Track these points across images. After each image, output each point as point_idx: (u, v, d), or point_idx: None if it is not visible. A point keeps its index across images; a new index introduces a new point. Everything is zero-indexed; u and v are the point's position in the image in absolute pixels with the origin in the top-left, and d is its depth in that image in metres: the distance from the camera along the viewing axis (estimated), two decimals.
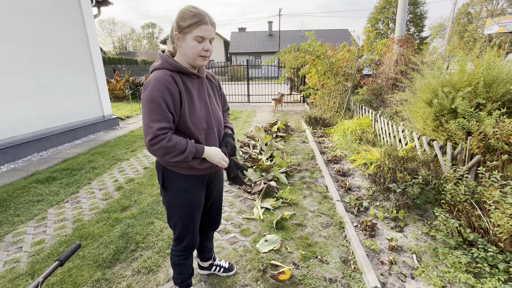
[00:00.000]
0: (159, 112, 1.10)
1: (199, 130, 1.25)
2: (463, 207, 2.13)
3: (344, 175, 3.50)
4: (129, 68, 22.96)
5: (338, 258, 2.01)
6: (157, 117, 1.10)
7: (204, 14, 1.13)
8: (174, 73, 1.17)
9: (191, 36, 1.13)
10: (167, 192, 1.36)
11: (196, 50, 1.15)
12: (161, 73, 1.14)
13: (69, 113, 5.44)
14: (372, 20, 35.39)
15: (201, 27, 1.12)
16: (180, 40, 1.16)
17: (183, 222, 1.41)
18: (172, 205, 1.38)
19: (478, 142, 2.50)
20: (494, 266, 1.71)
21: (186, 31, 1.13)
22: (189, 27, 1.12)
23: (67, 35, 5.37)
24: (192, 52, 1.15)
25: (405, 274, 1.82)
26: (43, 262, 2.00)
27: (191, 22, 1.11)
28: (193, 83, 1.26)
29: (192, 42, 1.14)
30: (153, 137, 1.09)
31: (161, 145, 1.10)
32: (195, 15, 1.11)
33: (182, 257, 1.50)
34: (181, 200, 1.36)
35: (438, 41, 38.52)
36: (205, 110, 1.29)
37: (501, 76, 2.73)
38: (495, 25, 23.15)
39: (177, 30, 1.15)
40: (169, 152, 1.13)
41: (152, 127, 1.09)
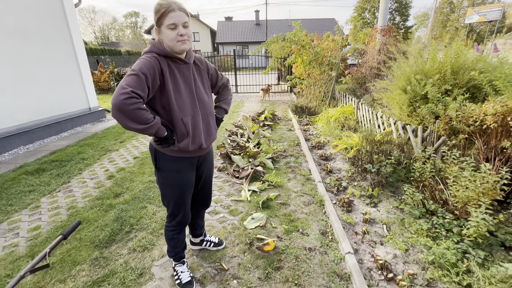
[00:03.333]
0: (138, 82, 1.17)
1: (183, 112, 1.35)
2: (429, 183, 2.38)
3: (326, 159, 3.72)
4: (113, 59, 22.32)
5: (318, 230, 2.22)
6: (134, 84, 1.15)
7: (170, 3, 1.23)
8: (160, 56, 1.29)
9: (164, 26, 1.25)
10: (159, 173, 1.50)
11: (171, 36, 1.26)
12: (148, 55, 1.27)
13: (54, 105, 5.37)
14: (358, 9, 35.49)
15: (169, 15, 1.23)
16: (159, 33, 1.30)
17: (175, 200, 1.55)
18: (165, 185, 1.52)
19: (445, 125, 2.74)
20: (450, 230, 1.96)
21: (159, 23, 1.26)
22: (161, 19, 1.25)
23: (48, 25, 5.24)
24: (169, 39, 1.26)
25: (375, 241, 2.06)
26: (41, 245, 2.11)
27: (160, 13, 1.24)
28: (179, 68, 1.36)
29: (167, 31, 1.26)
30: (128, 97, 1.10)
31: (135, 106, 1.12)
32: (162, 6, 1.23)
33: (175, 232, 1.66)
34: (173, 180, 1.50)
35: (422, 30, 39.21)
36: (190, 94, 1.39)
37: (466, 64, 2.97)
38: (476, 15, 23.79)
39: (155, 25, 1.28)
40: (135, 115, 1.14)
41: (127, 88, 1.12)
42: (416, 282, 1.67)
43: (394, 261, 1.85)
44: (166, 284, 1.76)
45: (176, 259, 1.76)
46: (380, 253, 1.93)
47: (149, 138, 4.95)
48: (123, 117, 1.13)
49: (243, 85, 11.20)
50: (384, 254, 1.92)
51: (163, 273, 1.85)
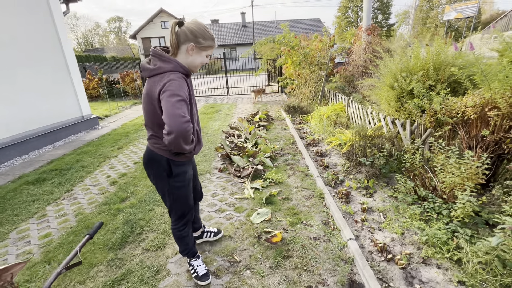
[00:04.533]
0: (186, 106, 1.28)
1: (195, 122, 1.49)
2: (419, 171, 2.58)
3: (322, 155, 3.90)
4: (99, 66, 21.92)
5: (320, 221, 2.38)
6: (186, 110, 1.27)
7: (215, 40, 1.44)
8: (184, 75, 1.38)
9: (205, 52, 1.43)
10: (175, 179, 1.54)
11: (202, 62, 1.44)
12: (178, 75, 1.34)
13: (48, 114, 5.34)
14: (342, 9, 36.27)
15: (212, 49, 1.45)
16: (194, 52, 1.39)
17: (188, 199, 1.67)
18: (180, 188, 1.59)
19: (430, 118, 2.96)
20: (440, 213, 2.15)
21: (203, 48, 1.40)
22: (207, 47, 1.41)
23: (38, 34, 5.21)
24: (200, 62, 1.43)
25: (374, 227, 2.23)
26: (56, 251, 2.17)
27: (210, 44, 1.41)
28: (190, 82, 1.49)
29: (202, 57, 1.43)
30: (189, 126, 1.23)
31: (190, 132, 1.26)
32: (213, 39, 1.42)
33: (184, 230, 1.76)
34: (187, 181, 1.62)
35: (404, 28, 40.43)
36: (195, 105, 1.54)
37: (446, 61, 3.20)
38: (453, 11, 24.78)
39: (194, 42, 1.36)
40: (189, 140, 1.29)
41: (186, 116, 1.23)
42: (413, 260, 1.84)
43: (392, 244, 2.02)
44: (183, 278, 1.86)
45: (190, 255, 1.87)
46: (379, 237, 2.10)
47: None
48: (183, 142, 1.25)
49: (234, 87, 11.31)
50: (383, 238, 2.09)
51: (179, 269, 1.95)
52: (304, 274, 1.82)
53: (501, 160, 2.42)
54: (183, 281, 1.84)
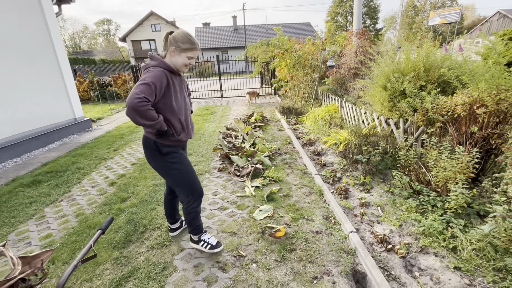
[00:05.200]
0: (148, 89, 1.49)
1: (180, 112, 1.74)
2: (413, 167, 2.70)
3: (318, 154, 3.99)
4: (89, 68, 21.55)
5: (321, 216, 2.45)
6: (145, 90, 1.48)
7: (197, 43, 1.66)
8: (166, 71, 1.62)
9: (185, 54, 1.65)
10: (165, 157, 1.76)
11: (184, 62, 1.67)
12: (158, 69, 1.59)
13: (40, 117, 5.24)
14: (331, 14, 37.04)
15: (192, 51, 1.66)
16: (175, 53, 1.64)
17: (193, 175, 1.88)
18: (175, 164, 1.79)
19: (422, 116, 3.10)
20: (435, 206, 2.26)
21: (182, 50, 1.63)
22: (186, 49, 1.64)
23: (30, 35, 5.12)
24: (181, 63, 1.67)
25: (373, 220, 2.32)
26: (59, 251, 2.15)
27: (188, 47, 1.63)
28: (176, 79, 1.72)
29: (184, 58, 1.66)
30: (141, 100, 1.44)
31: (145, 108, 1.46)
32: (192, 43, 1.64)
33: (198, 206, 1.96)
34: (179, 159, 1.81)
35: (391, 32, 41.59)
36: (183, 100, 1.78)
37: (436, 62, 3.37)
38: (437, 17, 25.71)
39: (174, 45, 1.62)
40: (145, 114, 1.47)
41: (140, 94, 1.45)
42: (411, 250, 1.94)
43: (391, 235, 2.11)
44: (191, 273, 1.89)
45: (200, 231, 2.05)
46: (378, 230, 2.19)
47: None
48: (136, 115, 1.46)
49: (227, 90, 11.36)
50: (382, 230, 2.18)
51: (185, 265, 1.98)
52: (309, 266, 1.88)
53: (489, 155, 2.57)
54: (191, 276, 1.86)
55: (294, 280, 1.77)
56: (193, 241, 2.11)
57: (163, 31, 36.17)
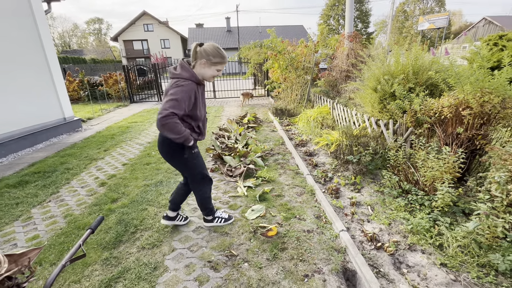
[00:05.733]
0: (178, 106, 1.64)
1: (201, 119, 1.92)
2: (402, 167, 2.76)
3: (310, 155, 4.03)
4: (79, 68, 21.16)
5: (313, 215, 2.48)
6: (173, 106, 1.62)
7: (226, 57, 1.82)
8: (195, 83, 1.76)
9: (215, 67, 1.79)
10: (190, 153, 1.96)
11: (213, 74, 1.82)
12: (188, 82, 1.72)
13: (27, 116, 5.12)
14: (324, 17, 37.51)
15: (222, 65, 1.81)
16: (205, 65, 1.77)
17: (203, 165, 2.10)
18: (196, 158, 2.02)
19: (411, 118, 3.17)
20: (422, 204, 2.32)
21: (213, 63, 1.77)
22: (216, 63, 1.78)
23: (18, 33, 5.01)
24: (210, 75, 1.82)
25: (363, 219, 2.36)
26: (46, 252, 2.11)
27: (219, 61, 1.77)
28: (201, 89, 1.87)
29: (213, 70, 1.80)
30: (166, 115, 1.59)
31: (170, 121, 1.61)
32: (222, 56, 1.78)
33: (209, 191, 2.23)
34: (197, 153, 2.04)
35: (382, 36, 42.39)
36: (203, 106, 1.95)
37: (424, 66, 3.46)
38: (426, 22, 26.40)
39: (205, 58, 1.74)
40: (172, 128, 1.64)
41: (168, 109, 1.60)
42: (400, 247, 1.98)
43: (381, 233, 2.15)
44: (182, 273, 1.88)
45: (213, 212, 2.33)
46: (368, 228, 2.23)
47: (135, 145, 4.92)
48: (164, 129, 1.65)
49: (221, 91, 11.35)
50: (372, 229, 2.22)
51: (177, 264, 1.97)
52: (300, 264, 1.90)
53: (474, 156, 2.66)
54: (182, 276, 1.85)
55: (285, 279, 1.79)
56: (208, 221, 2.34)
57: (156, 31, 35.88)
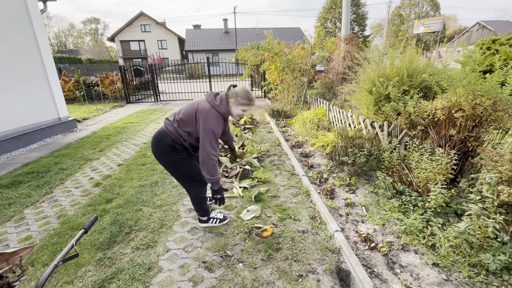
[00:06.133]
0: (215, 140, 1.86)
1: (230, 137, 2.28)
2: (396, 169, 2.79)
3: (306, 156, 4.05)
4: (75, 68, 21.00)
5: (307, 216, 2.49)
6: (215, 144, 1.86)
7: (253, 100, 1.97)
8: (222, 117, 1.94)
9: (241, 107, 1.95)
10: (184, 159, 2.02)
11: (239, 114, 1.99)
12: (219, 116, 1.91)
13: (21, 116, 5.06)
14: (321, 19, 37.77)
15: (248, 106, 1.96)
16: (234, 105, 1.94)
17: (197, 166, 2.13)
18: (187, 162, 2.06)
19: (405, 120, 3.21)
20: (416, 205, 2.35)
21: (240, 103, 1.93)
22: (243, 104, 1.93)
23: (13, 32, 4.97)
24: (236, 114, 1.98)
25: (357, 220, 2.38)
26: (38, 253, 2.09)
27: (245, 102, 1.93)
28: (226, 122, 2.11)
29: (239, 110, 1.96)
30: (213, 158, 1.86)
31: (213, 163, 1.88)
32: (249, 99, 1.93)
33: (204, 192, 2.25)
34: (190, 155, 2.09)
35: (378, 39, 42.79)
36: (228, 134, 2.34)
37: (418, 68, 3.51)
38: (421, 26, 26.72)
39: (234, 98, 1.92)
40: (210, 169, 1.88)
41: (216, 150, 1.87)
42: (393, 247, 2.00)
43: (375, 234, 2.17)
44: (176, 274, 1.88)
45: (208, 212, 2.35)
46: (362, 229, 2.25)
47: (131, 145, 4.89)
48: (204, 165, 1.88)
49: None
50: (366, 229, 2.24)
51: (171, 265, 1.96)
52: (294, 264, 1.91)
53: (467, 157, 2.70)
54: (177, 277, 1.85)
55: (280, 279, 1.79)
56: (203, 222, 2.37)
57: (153, 32, 35.80)
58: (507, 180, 1.86)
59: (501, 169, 1.88)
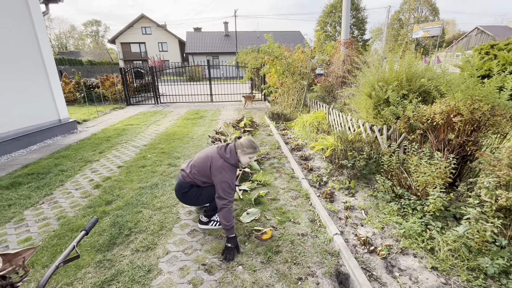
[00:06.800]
0: (231, 189, 2.08)
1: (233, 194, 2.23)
2: (395, 172, 2.81)
3: (306, 159, 4.07)
4: (75, 69, 21.06)
5: (307, 219, 2.50)
6: (230, 192, 2.07)
7: (257, 148, 2.20)
8: (234, 166, 2.17)
9: (248, 155, 2.18)
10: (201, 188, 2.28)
11: (247, 161, 2.21)
12: (231, 167, 2.15)
13: (22, 117, 5.07)
14: (321, 23, 38.02)
15: (253, 154, 2.19)
16: (241, 154, 2.17)
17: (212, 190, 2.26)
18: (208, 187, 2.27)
19: (404, 124, 3.23)
20: (415, 209, 2.36)
21: (246, 153, 2.16)
22: (249, 153, 2.16)
23: (15, 34, 5.00)
24: (245, 162, 2.21)
25: (357, 223, 2.39)
26: (38, 254, 2.09)
27: (251, 151, 2.16)
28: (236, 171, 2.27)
29: (247, 158, 2.19)
30: (228, 204, 2.04)
31: (228, 209, 2.03)
32: (253, 147, 2.16)
33: None
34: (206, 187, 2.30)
35: (377, 43, 43.03)
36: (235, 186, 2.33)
37: (417, 73, 3.54)
38: (421, 31, 26.89)
39: (241, 149, 2.15)
40: (227, 214, 2.02)
41: (231, 197, 2.08)
42: (392, 251, 2.01)
43: (374, 237, 2.18)
44: (176, 276, 1.88)
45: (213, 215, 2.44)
46: (362, 232, 2.25)
47: (131, 147, 4.89)
48: (220, 212, 2.03)
49: (217, 95, 11.39)
50: (365, 232, 2.25)
51: (171, 267, 1.96)
52: (294, 267, 1.91)
53: (465, 161, 2.72)
54: (176, 279, 1.85)
55: (279, 282, 1.80)
56: (203, 223, 2.42)
57: (154, 34, 35.97)
58: (505, 185, 1.88)
59: (499, 173, 1.89)
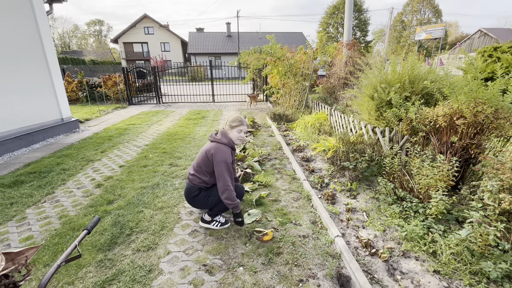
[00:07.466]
0: (229, 170, 2.15)
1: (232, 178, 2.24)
2: (397, 174, 2.79)
3: (307, 160, 4.06)
4: (78, 69, 21.16)
5: (308, 221, 2.49)
6: (228, 173, 2.14)
7: (244, 121, 2.27)
8: (229, 147, 2.23)
9: (236, 130, 2.25)
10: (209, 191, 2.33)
11: (237, 136, 2.27)
12: (226, 147, 2.21)
13: (24, 116, 5.10)
14: (323, 24, 38.01)
15: (241, 126, 2.25)
16: (230, 131, 2.25)
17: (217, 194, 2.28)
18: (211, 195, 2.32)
19: (407, 126, 3.22)
20: (417, 211, 2.35)
21: (232, 127, 2.25)
22: (235, 126, 2.24)
23: (18, 33, 5.02)
24: (236, 137, 2.27)
25: (358, 225, 2.38)
26: (41, 252, 2.09)
27: (236, 124, 2.24)
28: (233, 154, 2.33)
29: (235, 133, 2.25)
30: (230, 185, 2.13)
31: (230, 189, 2.13)
32: (239, 120, 2.25)
33: None
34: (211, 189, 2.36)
35: (380, 45, 42.96)
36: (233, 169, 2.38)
37: (420, 75, 3.53)
38: (423, 33, 26.82)
39: (228, 125, 2.26)
40: (230, 195, 2.12)
41: (229, 181, 2.13)
42: (394, 254, 2.00)
43: (375, 240, 2.17)
44: (177, 276, 1.88)
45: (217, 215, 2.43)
46: (363, 234, 2.25)
47: (132, 147, 4.91)
48: (224, 194, 2.12)
49: (219, 95, 11.40)
50: (366, 235, 2.24)
51: (172, 268, 1.96)
52: (295, 269, 1.91)
53: (468, 164, 2.70)
54: (177, 279, 1.85)
55: (280, 283, 1.79)
56: (205, 222, 2.43)
57: (156, 34, 36.09)
58: (508, 188, 1.86)
59: (502, 177, 1.88)
